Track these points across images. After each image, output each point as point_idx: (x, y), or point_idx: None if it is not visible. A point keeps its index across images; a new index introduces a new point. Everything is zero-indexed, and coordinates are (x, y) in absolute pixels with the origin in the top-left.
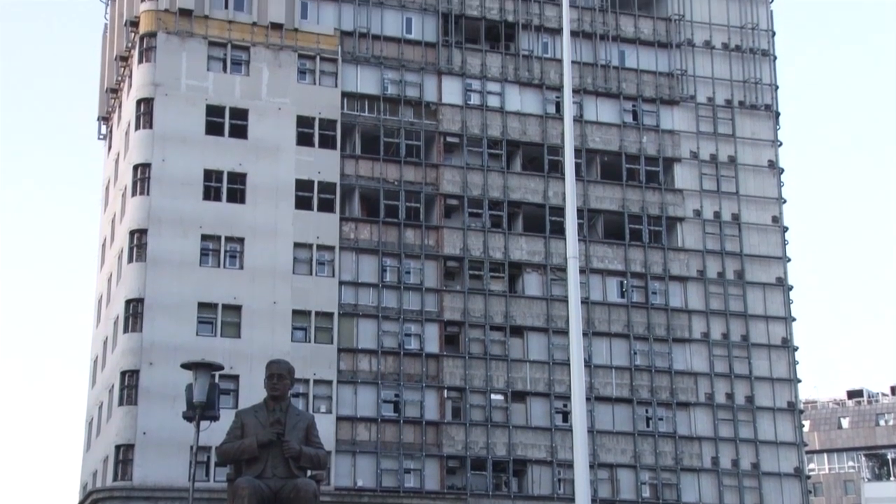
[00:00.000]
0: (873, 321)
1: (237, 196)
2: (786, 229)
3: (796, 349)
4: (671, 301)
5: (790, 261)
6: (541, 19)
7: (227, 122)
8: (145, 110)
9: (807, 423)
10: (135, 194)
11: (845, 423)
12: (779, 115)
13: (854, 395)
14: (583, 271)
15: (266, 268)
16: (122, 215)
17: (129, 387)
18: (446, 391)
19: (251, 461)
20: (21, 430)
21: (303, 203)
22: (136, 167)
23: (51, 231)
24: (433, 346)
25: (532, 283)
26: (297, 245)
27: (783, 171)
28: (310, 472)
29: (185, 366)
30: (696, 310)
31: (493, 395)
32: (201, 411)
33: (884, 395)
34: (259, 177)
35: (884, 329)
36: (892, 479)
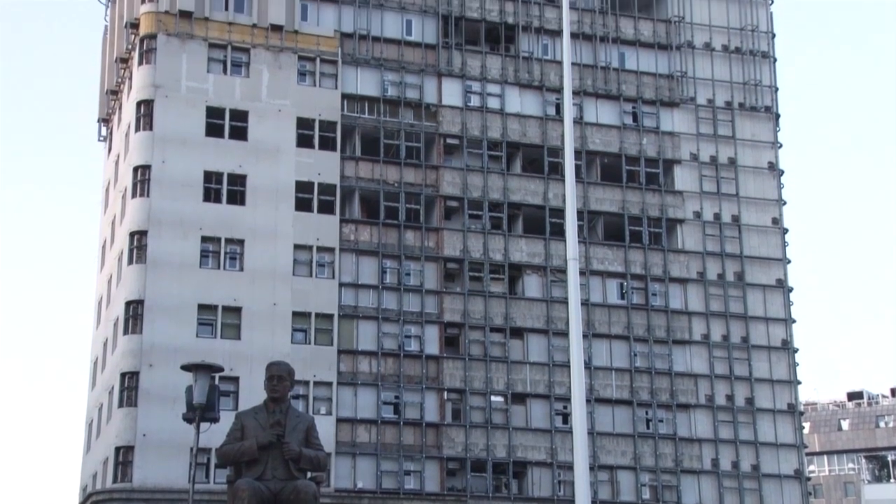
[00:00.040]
0: (873, 323)
1: (237, 198)
2: (786, 231)
3: (796, 351)
4: (671, 303)
5: (790, 262)
6: (541, 21)
7: (227, 123)
8: (145, 112)
9: (807, 425)
10: (135, 196)
11: (845, 424)
12: (779, 116)
13: (854, 396)
14: (583, 273)
15: (266, 269)
16: (122, 217)
17: (129, 388)
18: (446, 393)
19: (251, 463)
20: (21, 431)
21: (303, 205)
22: (136, 169)
23: (51, 232)
24: (433, 347)
25: (532, 285)
26: (297, 247)
27: (783, 172)
28: (310, 474)
29: (185, 367)
30: (696, 311)
31: (493, 397)
32: (201, 413)
33: (884, 396)
34: (259, 178)
35: (884, 331)
36: (892, 480)
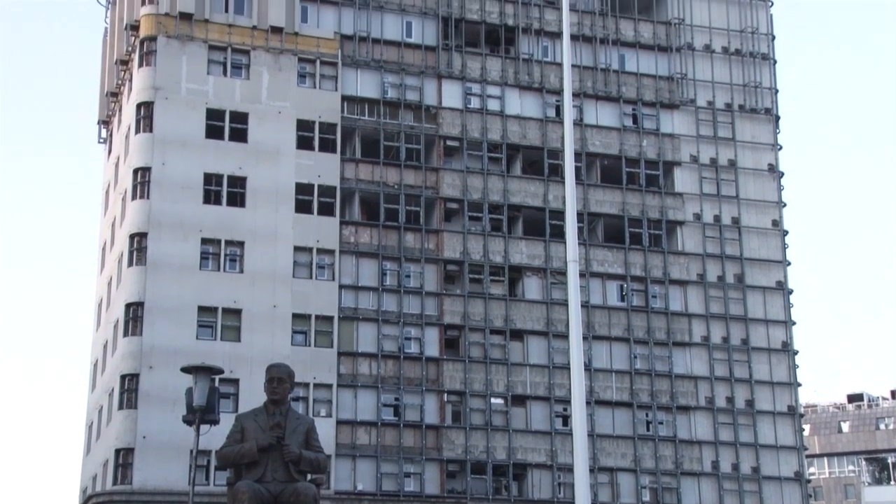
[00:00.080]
0: (873, 325)
1: (237, 200)
2: (786, 233)
3: (796, 353)
4: (671, 305)
5: (790, 264)
6: (541, 23)
7: (227, 125)
8: (145, 114)
9: (807, 427)
10: (135, 198)
11: (845, 426)
12: (779, 118)
13: (854, 398)
14: (583, 275)
15: (266, 271)
16: (122, 219)
17: (129, 390)
18: (446, 395)
19: (251, 465)
20: (21, 433)
21: (303, 207)
22: (136, 171)
23: (51, 234)
24: (433, 349)
25: (532, 287)
26: (297, 249)
27: (783, 174)
28: (310, 476)
29: (185, 369)
30: (696, 313)
31: (493, 399)
32: (201, 415)
33: (884, 398)
34: (259, 180)
35: (884, 333)
36: (892, 483)
